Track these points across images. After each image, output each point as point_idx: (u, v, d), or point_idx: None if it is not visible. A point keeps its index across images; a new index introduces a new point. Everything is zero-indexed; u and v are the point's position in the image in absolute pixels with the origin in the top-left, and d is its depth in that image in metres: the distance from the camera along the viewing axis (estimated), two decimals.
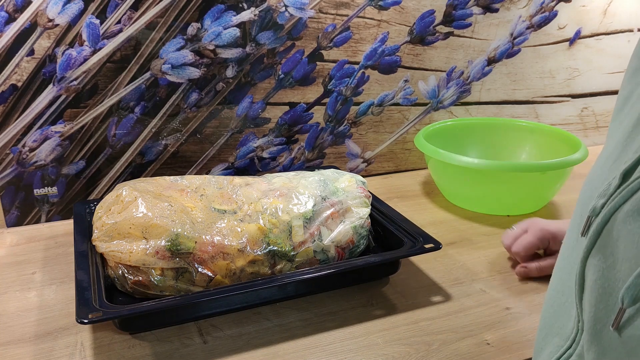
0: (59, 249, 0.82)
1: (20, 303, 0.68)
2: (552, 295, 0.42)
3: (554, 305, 0.41)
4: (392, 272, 0.74)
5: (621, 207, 0.33)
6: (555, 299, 0.42)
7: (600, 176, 0.37)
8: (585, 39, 1.21)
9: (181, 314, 0.64)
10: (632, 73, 0.40)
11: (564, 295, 0.40)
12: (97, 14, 0.84)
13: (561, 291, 0.41)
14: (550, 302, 0.43)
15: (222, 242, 0.66)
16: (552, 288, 0.43)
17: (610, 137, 0.40)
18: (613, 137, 0.39)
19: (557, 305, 0.41)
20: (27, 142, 0.87)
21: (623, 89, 0.41)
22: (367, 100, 1.06)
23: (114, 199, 0.68)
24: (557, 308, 0.41)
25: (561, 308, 0.40)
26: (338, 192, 0.76)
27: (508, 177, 0.88)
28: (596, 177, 0.38)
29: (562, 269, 0.41)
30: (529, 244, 0.72)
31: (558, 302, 0.41)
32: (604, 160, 0.38)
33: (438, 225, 0.90)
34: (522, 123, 1.08)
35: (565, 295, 0.40)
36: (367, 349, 0.60)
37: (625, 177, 0.33)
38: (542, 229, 0.72)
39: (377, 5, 1.00)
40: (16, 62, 0.83)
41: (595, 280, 0.34)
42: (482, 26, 1.10)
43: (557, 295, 0.41)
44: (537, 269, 0.72)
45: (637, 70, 0.39)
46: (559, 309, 0.40)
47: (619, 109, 0.40)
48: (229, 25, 0.91)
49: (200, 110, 0.95)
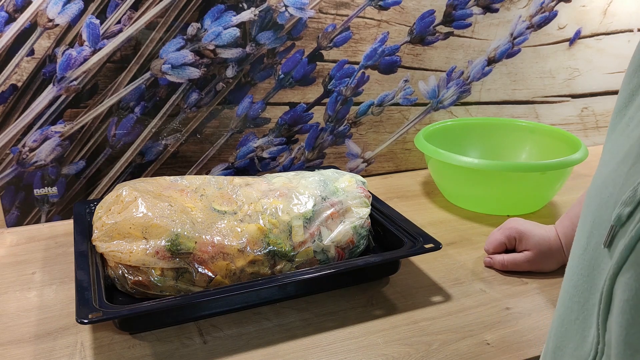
0: (59, 249, 0.82)
1: (20, 303, 0.68)
2: (562, 312, 0.39)
3: (564, 323, 0.38)
4: (392, 272, 0.74)
5: None
6: (565, 316, 0.38)
7: (615, 180, 0.34)
8: (585, 39, 1.21)
9: (181, 314, 0.64)
10: (636, 67, 0.37)
11: (573, 312, 0.37)
12: (97, 14, 0.84)
13: (570, 307, 0.38)
14: (560, 320, 0.39)
15: (222, 242, 0.66)
16: (562, 304, 0.39)
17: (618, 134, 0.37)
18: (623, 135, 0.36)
19: (567, 324, 0.38)
20: (27, 142, 0.87)
21: (628, 83, 0.38)
22: (367, 100, 1.06)
23: (114, 199, 0.68)
24: (569, 326, 0.38)
25: (572, 326, 0.37)
26: (338, 192, 0.76)
27: (508, 177, 0.88)
28: (610, 181, 0.35)
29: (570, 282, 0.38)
30: (495, 241, 0.77)
31: (568, 320, 0.38)
32: (617, 162, 0.35)
33: (438, 225, 0.90)
34: (522, 123, 1.08)
35: (575, 312, 0.37)
36: (367, 349, 0.60)
37: None
38: (510, 228, 0.76)
39: (377, 5, 1.00)
40: (16, 62, 0.83)
41: (627, 300, 0.31)
42: (482, 26, 1.10)
43: (567, 312, 0.38)
44: (500, 263, 0.76)
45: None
46: (570, 328, 0.37)
47: (624, 104, 0.38)
48: (229, 25, 0.91)
49: (200, 110, 0.95)
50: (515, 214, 0.93)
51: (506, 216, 0.92)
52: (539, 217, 0.93)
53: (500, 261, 0.76)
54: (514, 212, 0.93)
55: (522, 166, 0.90)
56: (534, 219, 0.79)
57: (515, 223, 0.77)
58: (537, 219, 0.83)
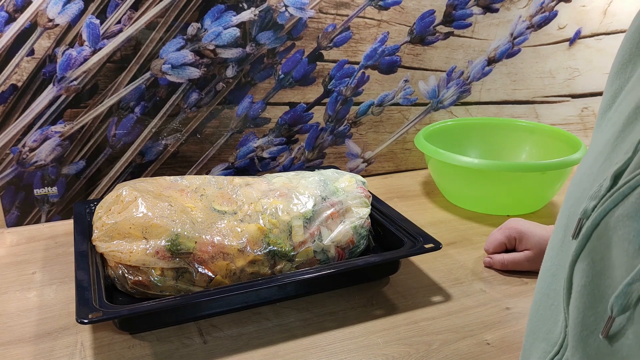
0: (59, 249, 0.82)
1: (20, 303, 0.68)
2: (538, 299, 0.41)
3: (540, 309, 0.40)
4: (392, 272, 0.74)
5: (612, 210, 0.32)
6: (540, 302, 0.40)
7: (589, 176, 0.36)
8: (585, 39, 1.21)
9: (181, 314, 0.64)
10: (619, 69, 0.39)
11: (549, 298, 0.39)
12: (97, 14, 0.84)
13: (547, 294, 0.39)
14: (536, 306, 0.41)
15: (222, 242, 0.66)
16: (538, 291, 0.41)
17: (598, 133, 0.39)
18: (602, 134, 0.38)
19: (543, 309, 0.40)
20: (27, 142, 0.87)
21: (610, 85, 0.40)
22: (367, 100, 1.06)
23: (114, 199, 0.68)
24: (544, 312, 0.40)
25: (547, 312, 0.39)
26: (338, 192, 0.76)
27: (508, 177, 0.88)
28: (585, 177, 0.37)
29: (547, 270, 0.40)
30: (495, 241, 0.77)
31: (544, 306, 0.40)
32: (592, 160, 0.37)
33: (438, 225, 0.90)
34: (522, 123, 1.08)
35: (550, 298, 0.39)
36: (367, 349, 0.60)
37: (616, 179, 0.32)
38: (510, 227, 0.77)
39: (377, 5, 1.00)
40: (16, 62, 0.83)
41: (584, 285, 0.33)
42: (482, 26, 1.10)
43: (543, 298, 0.40)
44: (500, 262, 0.76)
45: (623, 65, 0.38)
46: (545, 313, 0.39)
47: (608, 106, 0.39)
48: (229, 25, 0.91)
49: (200, 110, 0.95)
50: (515, 214, 0.93)
51: (506, 216, 0.92)
52: (539, 217, 0.93)
53: (500, 261, 0.76)
54: (514, 212, 0.93)
55: (522, 166, 0.90)
56: (534, 219, 0.79)
57: (515, 223, 0.77)
58: (537, 219, 0.83)
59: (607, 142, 0.36)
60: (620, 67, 0.39)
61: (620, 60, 0.39)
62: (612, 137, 0.35)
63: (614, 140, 0.35)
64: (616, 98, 0.38)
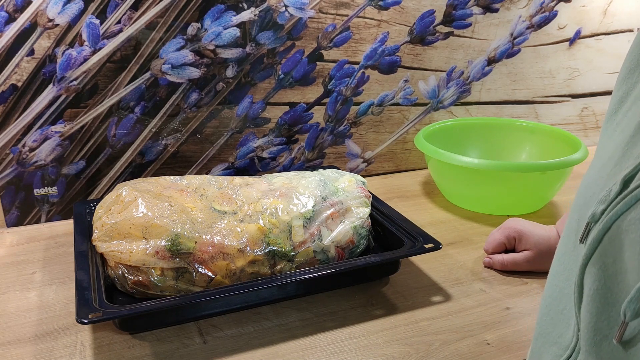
0: (59, 249, 0.82)
1: (20, 303, 0.68)
2: (548, 303, 0.41)
3: (550, 312, 0.40)
4: (392, 272, 0.74)
5: (624, 214, 0.32)
6: (551, 306, 0.40)
7: (597, 180, 0.36)
8: (585, 39, 1.21)
9: (181, 314, 0.64)
10: (627, 73, 0.39)
11: (560, 302, 0.39)
12: (97, 14, 0.84)
13: (558, 298, 0.39)
14: (546, 310, 0.41)
15: (222, 242, 0.66)
16: (548, 295, 0.41)
17: (605, 138, 0.39)
18: (610, 139, 0.38)
19: (553, 313, 0.40)
20: (27, 142, 0.87)
21: (617, 89, 0.40)
22: (367, 100, 1.06)
23: (114, 199, 0.68)
24: (554, 316, 0.40)
25: (558, 316, 0.39)
26: (338, 192, 0.76)
27: (508, 177, 0.88)
28: (593, 181, 0.37)
29: (557, 275, 0.40)
30: (494, 241, 0.77)
31: (555, 310, 0.40)
32: (602, 164, 0.37)
33: (438, 225, 0.90)
34: (522, 123, 1.08)
35: (562, 302, 0.39)
36: (367, 349, 0.60)
37: (626, 184, 0.32)
38: (510, 228, 0.76)
39: (377, 5, 1.00)
40: (16, 62, 0.83)
41: (596, 289, 0.33)
42: (482, 26, 1.10)
43: (554, 302, 0.40)
44: (500, 263, 0.76)
45: (631, 70, 0.38)
46: (556, 317, 0.39)
47: (614, 110, 0.39)
48: (229, 25, 0.91)
49: (200, 110, 0.95)
50: (515, 214, 0.93)
51: (506, 216, 0.92)
52: (539, 217, 0.93)
53: (499, 261, 0.76)
54: (514, 212, 0.93)
55: (522, 166, 0.90)
56: (534, 219, 0.79)
57: (515, 223, 0.77)
58: (537, 219, 0.83)
59: (617, 147, 0.36)
60: (628, 72, 0.39)
61: (628, 66, 0.39)
62: (622, 142, 0.36)
63: (625, 146, 0.35)
64: (622, 102, 0.38)
